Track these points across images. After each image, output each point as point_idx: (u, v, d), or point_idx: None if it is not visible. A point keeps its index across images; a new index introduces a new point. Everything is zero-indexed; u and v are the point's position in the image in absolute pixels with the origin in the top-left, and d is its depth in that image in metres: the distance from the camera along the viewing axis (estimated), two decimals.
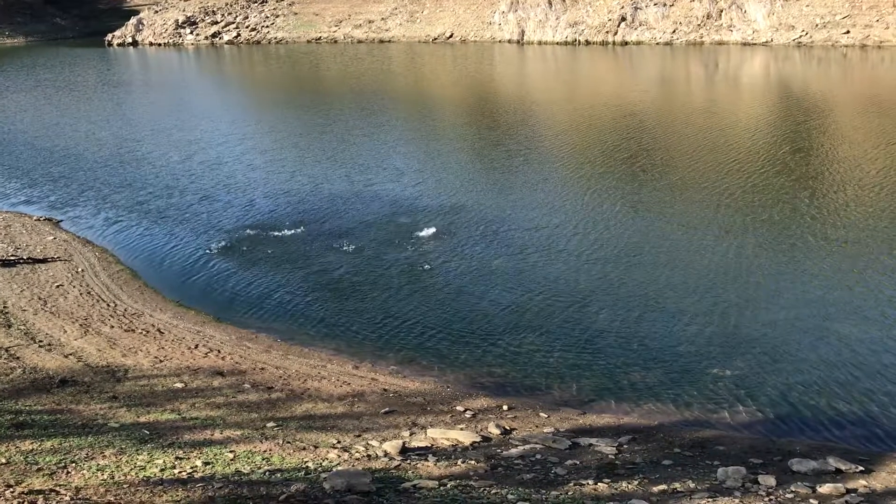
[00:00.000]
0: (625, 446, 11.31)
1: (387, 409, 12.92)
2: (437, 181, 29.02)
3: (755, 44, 68.66)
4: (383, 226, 23.81)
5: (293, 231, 23.63)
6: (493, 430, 11.98)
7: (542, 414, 13.19)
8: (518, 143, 34.92)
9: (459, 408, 13.27)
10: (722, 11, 71.90)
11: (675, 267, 19.75)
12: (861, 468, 10.31)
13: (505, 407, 13.42)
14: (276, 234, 23.48)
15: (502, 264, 20.34)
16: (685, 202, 25.16)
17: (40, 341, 16.13)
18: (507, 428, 12.20)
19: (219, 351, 16.01)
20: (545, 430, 12.15)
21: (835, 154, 30.37)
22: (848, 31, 65.17)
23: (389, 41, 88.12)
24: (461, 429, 11.97)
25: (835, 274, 18.91)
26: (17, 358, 14.97)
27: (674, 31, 73.34)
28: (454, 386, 14.60)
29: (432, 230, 23.03)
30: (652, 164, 30.32)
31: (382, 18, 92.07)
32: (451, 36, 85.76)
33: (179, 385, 13.82)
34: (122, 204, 27.59)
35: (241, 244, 22.78)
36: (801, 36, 67.04)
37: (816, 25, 67.00)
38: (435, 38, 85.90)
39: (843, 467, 10.21)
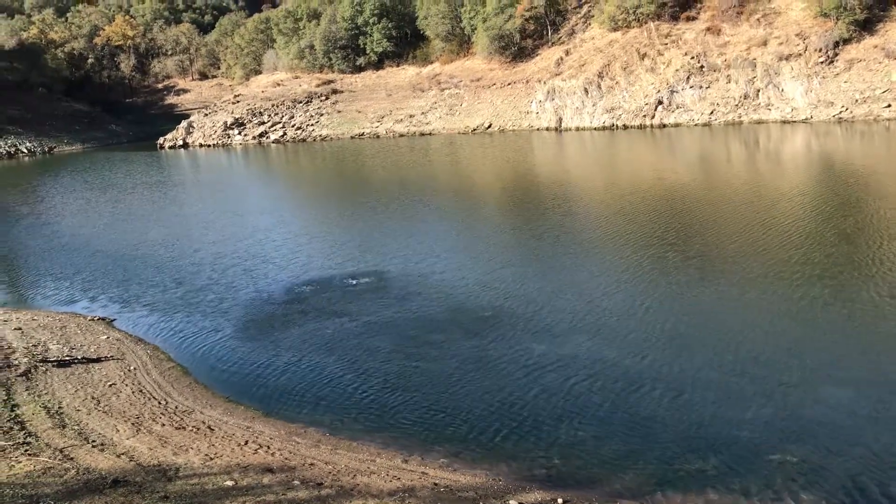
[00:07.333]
0: None
1: None
2: (479, 268, 29.12)
3: (794, 121, 68.76)
4: (427, 314, 23.86)
5: (338, 321, 23.79)
6: None
7: None
8: (559, 228, 35.05)
9: (512, 502, 12.95)
10: (759, 91, 72.43)
11: (725, 348, 19.32)
12: None
13: (560, 500, 13.05)
14: (320, 324, 23.66)
15: (548, 350, 20.14)
16: (732, 281, 24.79)
17: (93, 441, 16.27)
18: None
19: (268, 447, 15.97)
20: None
21: (887, 224, 29.82)
22: (889, 105, 64.97)
23: (430, 133, 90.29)
24: None
25: None
26: (71, 458, 15.10)
27: (711, 112, 73.90)
28: (506, 479, 14.29)
29: (477, 317, 22.98)
30: (695, 244, 30.11)
31: (423, 112, 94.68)
32: (489, 126, 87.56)
33: (230, 483, 13.75)
34: (174, 301, 28.15)
35: (287, 335, 22.97)
36: (841, 111, 66.99)
37: (856, 101, 66.97)
38: (474, 129, 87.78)
39: None
